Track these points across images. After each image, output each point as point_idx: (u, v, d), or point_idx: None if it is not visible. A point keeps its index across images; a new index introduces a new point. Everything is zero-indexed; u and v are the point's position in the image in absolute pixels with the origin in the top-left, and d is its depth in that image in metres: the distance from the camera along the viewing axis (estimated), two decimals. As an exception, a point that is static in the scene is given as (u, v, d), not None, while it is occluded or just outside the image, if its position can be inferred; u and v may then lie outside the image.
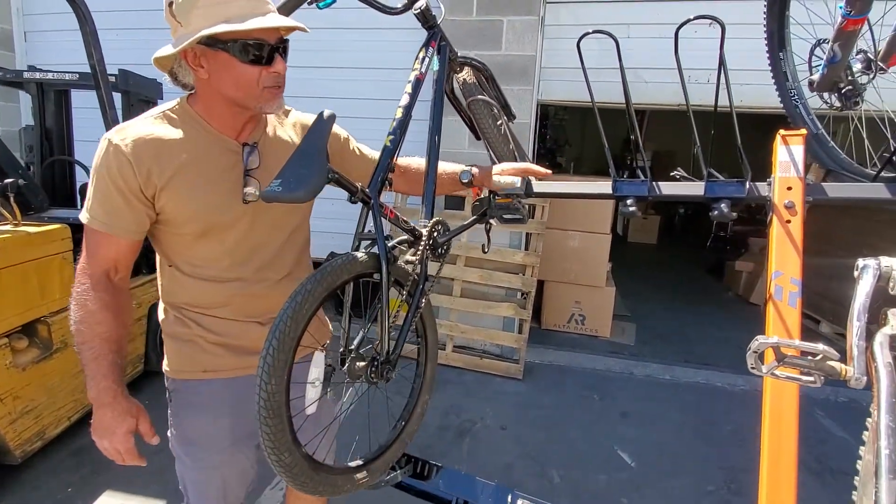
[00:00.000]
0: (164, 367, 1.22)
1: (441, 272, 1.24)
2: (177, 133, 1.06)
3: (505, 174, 1.32)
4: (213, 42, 0.97)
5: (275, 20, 0.98)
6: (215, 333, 1.17)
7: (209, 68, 1.00)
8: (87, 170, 3.05)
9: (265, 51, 0.99)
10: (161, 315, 1.23)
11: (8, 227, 2.11)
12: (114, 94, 2.73)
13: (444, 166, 1.37)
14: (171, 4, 0.98)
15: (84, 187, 3.11)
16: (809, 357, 0.71)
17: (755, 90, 2.61)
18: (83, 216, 1.05)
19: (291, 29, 1.04)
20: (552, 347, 3.70)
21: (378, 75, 3.55)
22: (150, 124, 1.06)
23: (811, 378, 0.74)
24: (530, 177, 1.51)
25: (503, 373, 3.25)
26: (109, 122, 2.53)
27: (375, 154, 1.37)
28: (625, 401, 3.04)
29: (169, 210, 1.07)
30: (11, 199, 2.17)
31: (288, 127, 1.23)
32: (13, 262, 2.02)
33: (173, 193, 1.05)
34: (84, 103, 3.27)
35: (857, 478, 0.84)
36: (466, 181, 1.35)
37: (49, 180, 3.05)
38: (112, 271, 1.10)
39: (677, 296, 5.21)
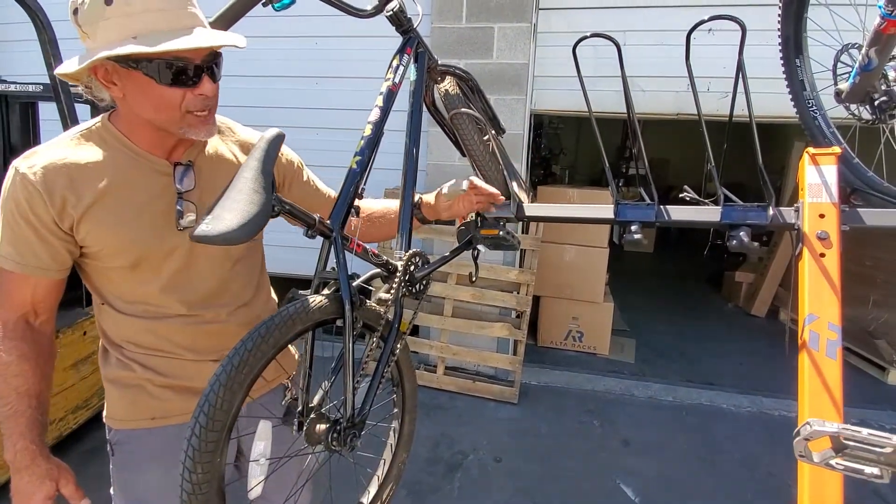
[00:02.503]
0: (105, 416, 1.07)
1: (416, 315, 1.08)
2: (96, 155, 0.92)
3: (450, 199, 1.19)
4: (125, 59, 0.81)
5: (192, 40, 0.81)
6: (163, 375, 1.03)
7: (123, 87, 0.86)
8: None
9: (189, 72, 0.84)
10: (100, 357, 1.08)
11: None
12: (81, 105, 2.57)
13: (391, 204, 1.25)
14: (75, 12, 0.83)
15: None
16: (877, 449, 0.55)
17: (756, 98, 2.47)
18: None
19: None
20: (549, 367, 3.53)
21: (351, 84, 3.42)
22: (64, 147, 0.91)
23: (877, 472, 0.58)
24: (520, 198, 1.36)
25: (497, 397, 3.08)
26: (72, 137, 2.37)
27: (331, 191, 1.24)
28: (626, 427, 2.87)
29: (92, 242, 0.93)
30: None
31: (231, 143, 1.08)
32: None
33: (95, 224, 0.92)
34: (55, 115, 3.10)
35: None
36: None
37: (13, 197, 2.88)
38: (31, 315, 0.96)
39: (676, 308, 5.06)
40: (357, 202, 0.96)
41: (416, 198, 1.18)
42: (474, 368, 3.29)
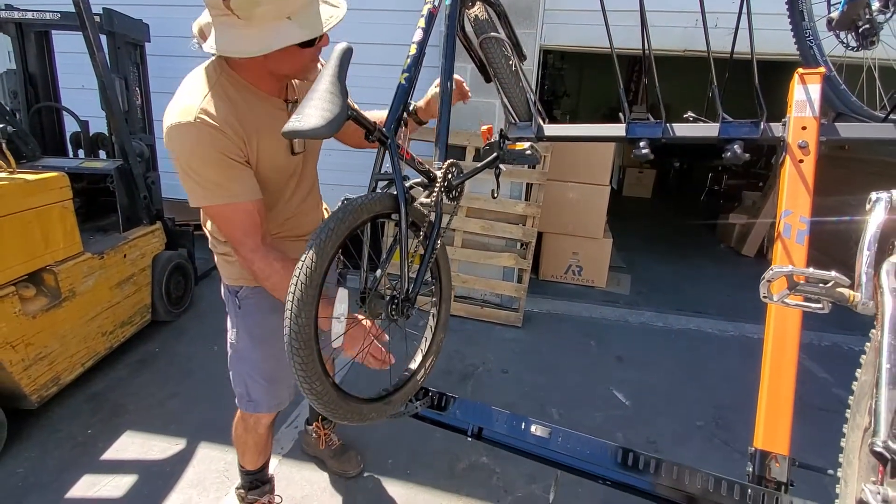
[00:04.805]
0: (230, 281, 1.39)
1: (454, 215, 1.25)
2: (240, 101, 1.13)
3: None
4: None
5: (328, 21, 1.07)
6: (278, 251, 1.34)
7: (270, 54, 1.03)
8: (76, 117, 2.96)
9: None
10: (214, 244, 1.39)
11: (3, 175, 2.07)
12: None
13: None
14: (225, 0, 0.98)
15: (76, 136, 3.03)
16: (821, 284, 0.75)
17: (759, 34, 2.54)
18: (218, 200, 1.10)
19: None
20: (550, 297, 3.79)
21: (378, 18, 3.42)
22: (217, 98, 1.09)
23: (819, 305, 0.78)
24: (539, 122, 1.50)
25: (503, 321, 3.34)
26: (98, 65, 2.43)
27: (374, 112, 1.45)
28: (620, 346, 3.16)
29: (258, 172, 1.18)
30: (3, 146, 2.11)
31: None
32: (13, 209, 1.99)
33: (258, 159, 1.16)
34: (65, 48, 3.12)
35: (850, 398, 0.90)
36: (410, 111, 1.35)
37: (37, 128, 2.96)
38: (265, 236, 1.18)
39: (671, 248, 5.29)
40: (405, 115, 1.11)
41: (412, 105, 1.37)
42: (481, 296, 3.53)
